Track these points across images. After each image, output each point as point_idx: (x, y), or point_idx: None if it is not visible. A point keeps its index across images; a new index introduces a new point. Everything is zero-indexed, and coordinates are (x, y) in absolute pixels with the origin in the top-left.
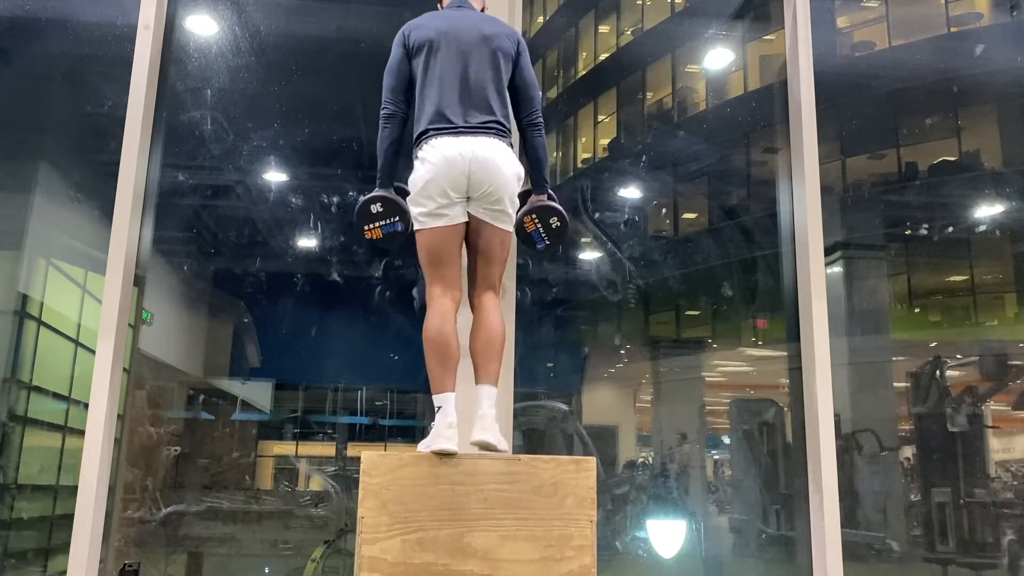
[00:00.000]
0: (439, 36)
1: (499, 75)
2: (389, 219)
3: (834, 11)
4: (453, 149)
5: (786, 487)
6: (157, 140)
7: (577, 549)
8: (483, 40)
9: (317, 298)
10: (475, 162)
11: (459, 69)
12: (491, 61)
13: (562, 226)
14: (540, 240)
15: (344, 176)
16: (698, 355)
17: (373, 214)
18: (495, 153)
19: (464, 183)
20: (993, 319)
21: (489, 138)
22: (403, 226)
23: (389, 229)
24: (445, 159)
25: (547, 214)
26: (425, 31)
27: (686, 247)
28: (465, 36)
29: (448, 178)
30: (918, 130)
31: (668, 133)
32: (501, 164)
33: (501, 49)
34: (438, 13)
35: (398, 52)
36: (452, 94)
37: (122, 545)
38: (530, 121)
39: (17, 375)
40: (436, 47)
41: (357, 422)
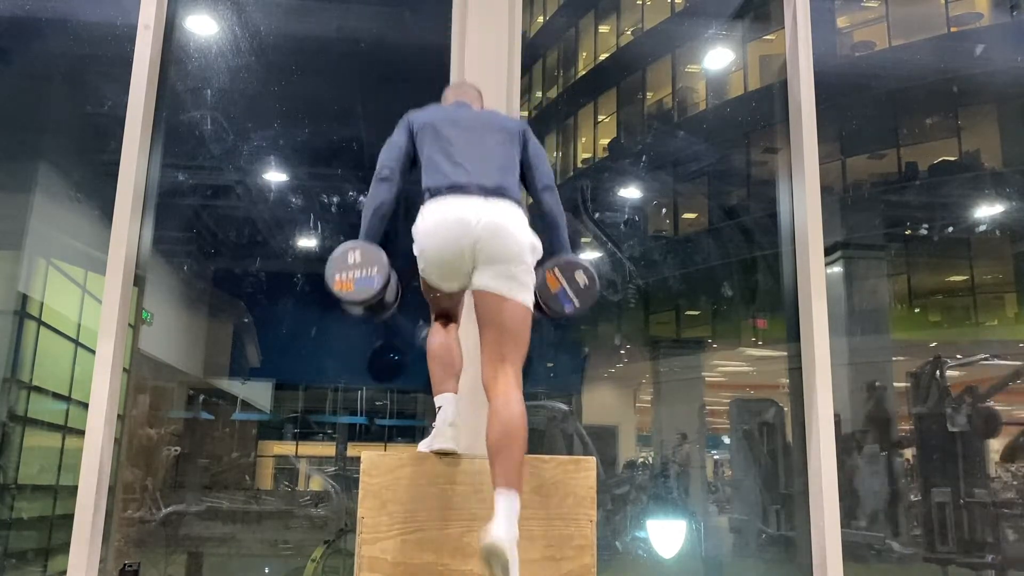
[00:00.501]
0: (444, 119)
1: (508, 151)
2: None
3: (834, 11)
4: (461, 211)
5: (786, 487)
6: (157, 140)
7: (577, 549)
8: (488, 125)
9: (317, 298)
10: (486, 227)
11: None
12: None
13: (591, 284)
14: (567, 301)
15: (344, 176)
16: (698, 355)
17: (348, 263)
18: (508, 217)
19: (469, 254)
20: (993, 319)
21: (502, 201)
22: (380, 281)
23: (364, 284)
24: (450, 221)
25: (572, 268)
26: (429, 115)
27: (686, 247)
28: (471, 122)
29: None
30: (918, 130)
31: (668, 133)
32: (514, 229)
33: (507, 129)
34: (441, 106)
35: (401, 133)
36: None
37: (122, 545)
38: (543, 185)
39: (17, 375)
40: (442, 127)
41: (357, 422)
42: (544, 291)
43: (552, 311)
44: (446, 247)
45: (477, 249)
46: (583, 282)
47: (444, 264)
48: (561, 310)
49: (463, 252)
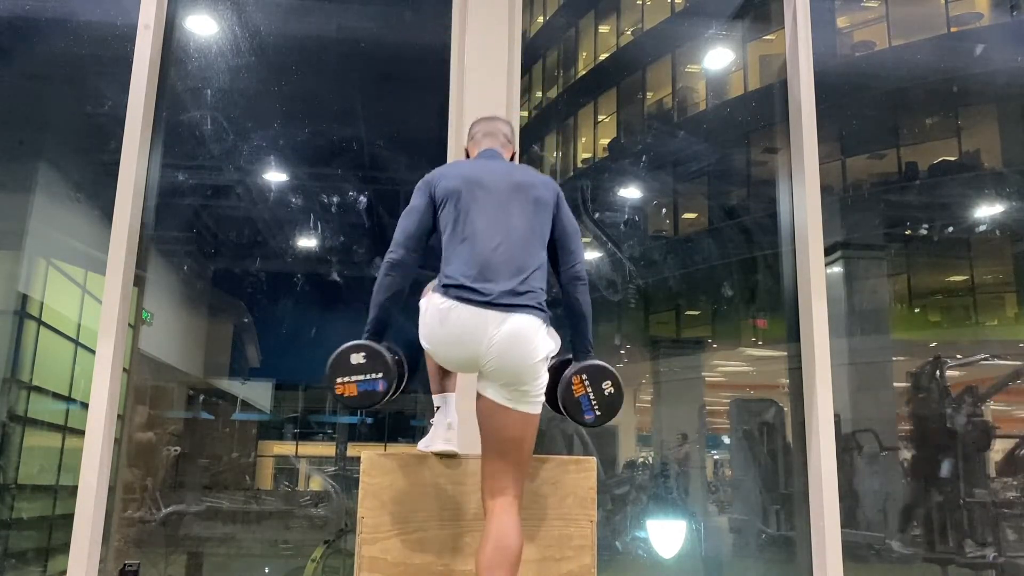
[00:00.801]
0: (470, 185)
1: (539, 228)
2: (370, 375)
3: (834, 11)
4: (472, 323)
5: (786, 487)
6: (157, 140)
7: (577, 549)
8: (518, 188)
9: (317, 298)
10: (500, 345)
11: (495, 221)
12: (529, 212)
13: (616, 394)
14: (589, 410)
15: (344, 176)
16: (698, 355)
17: (352, 366)
18: (526, 336)
19: (474, 366)
20: (993, 319)
21: (521, 315)
22: (385, 386)
23: (367, 387)
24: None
25: (600, 376)
26: (453, 180)
27: (686, 247)
28: (499, 184)
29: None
30: (918, 130)
31: (668, 133)
32: (530, 348)
33: (540, 200)
34: (466, 162)
35: (422, 199)
36: (484, 253)
37: (122, 545)
38: (573, 275)
39: (17, 375)
40: (467, 197)
41: (357, 422)
42: (567, 394)
43: (571, 418)
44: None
45: (487, 364)
46: (608, 391)
47: (450, 364)
48: (581, 419)
49: (473, 361)
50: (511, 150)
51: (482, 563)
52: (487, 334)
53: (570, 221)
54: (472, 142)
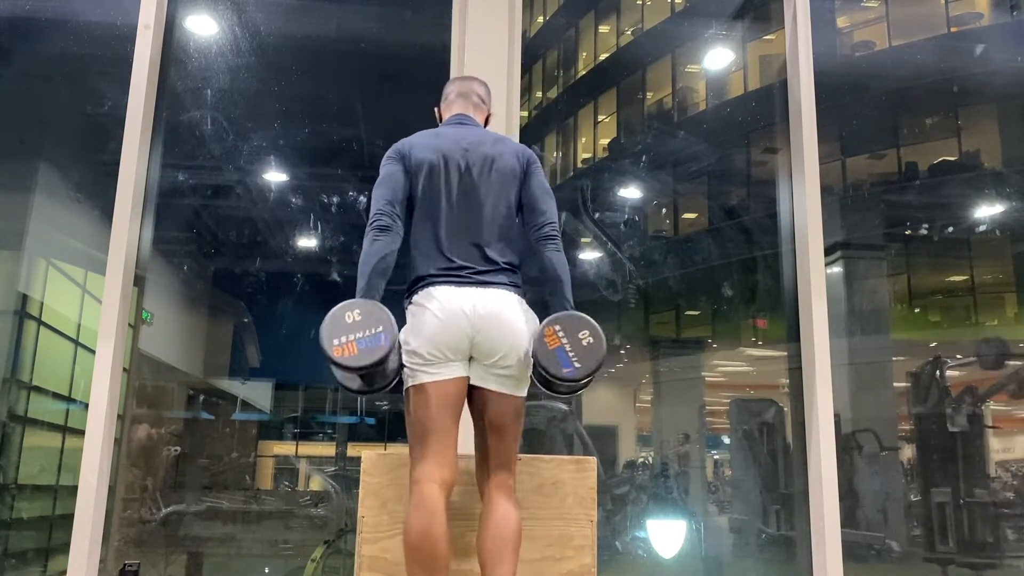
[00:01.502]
0: (440, 158)
1: (509, 203)
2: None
3: (834, 11)
4: (455, 303)
5: (786, 487)
6: (157, 140)
7: (577, 549)
8: (488, 162)
9: (317, 298)
10: (481, 320)
11: (463, 200)
12: (500, 187)
13: (596, 343)
14: (567, 363)
15: (344, 176)
16: (698, 355)
17: (348, 324)
18: (505, 308)
19: (466, 344)
20: (993, 319)
21: (498, 290)
22: (387, 339)
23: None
24: (445, 313)
25: (576, 325)
26: (425, 151)
27: (686, 247)
28: (470, 158)
29: (447, 337)
30: (918, 130)
31: (668, 133)
32: (513, 321)
33: (509, 170)
34: (436, 131)
35: (393, 167)
36: (454, 231)
37: (122, 545)
38: (543, 235)
39: (17, 375)
40: (438, 171)
41: (357, 422)
42: (541, 348)
43: (548, 374)
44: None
45: (475, 342)
46: (587, 341)
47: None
48: (559, 372)
49: (460, 342)
50: (485, 111)
51: (484, 550)
52: (471, 311)
53: (540, 184)
54: (445, 103)
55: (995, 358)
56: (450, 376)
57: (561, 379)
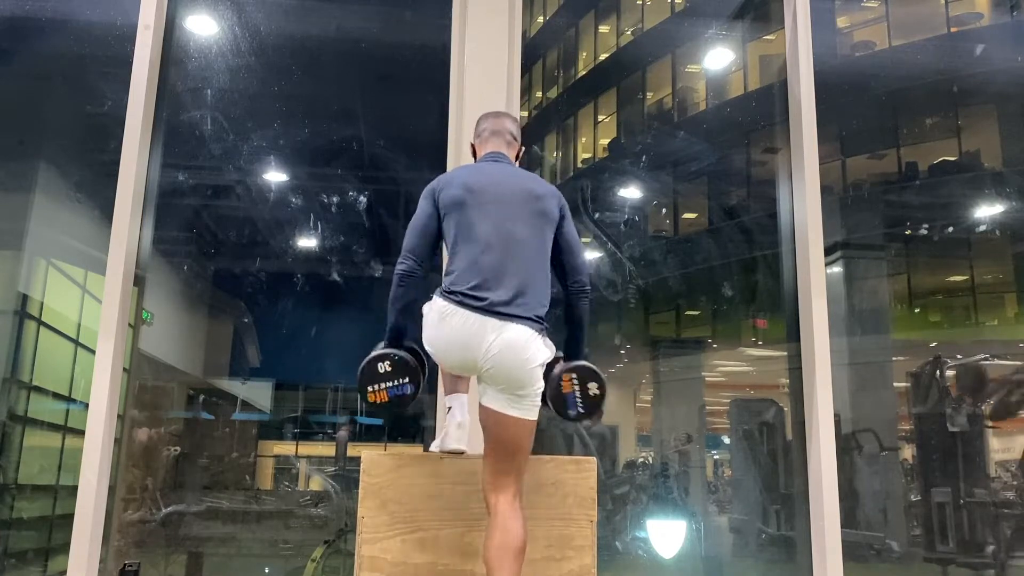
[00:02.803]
0: (475, 194)
1: (542, 240)
2: (397, 380)
3: (834, 11)
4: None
5: (786, 487)
6: (157, 140)
7: (577, 549)
8: (523, 199)
9: (317, 298)
10: (497, 352)
11: (498, 231)
12: (533, 223)
13: (601, 395)
14: (574, 406)
15: (344, 176)
16: (698, 355)
17: (380, 374)
18: (522, 346)
19: (474, 369)
20: (993, 319)
21: (519, 325)
22: (413, 389)
23: (396, 392)
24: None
25: (588, 377)
26: (456, 189)
27: (686, 247)
28: (505, 193)
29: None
30: (918, 130)
31: (668, 133)
32: (527, 357)
33: (544, 212)
34: (473, 167)
35: (427, 207)
36: (487, 263)
37: (122, 545)
38: (579, 288)
39: (17, 375)
40: (470, 206)
41: (357, 422)
42: (556, 390)
43: (555, 409)
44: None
45: (485, 369)
46: (594, 392)
47: (450, 366)
48: (565, 413)
49: (471, 364)
50: (516, 148)
51: (490, 556)
52: (485, 340)
53: (573, 235)
54: (479, 140)
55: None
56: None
57: (565, 418)
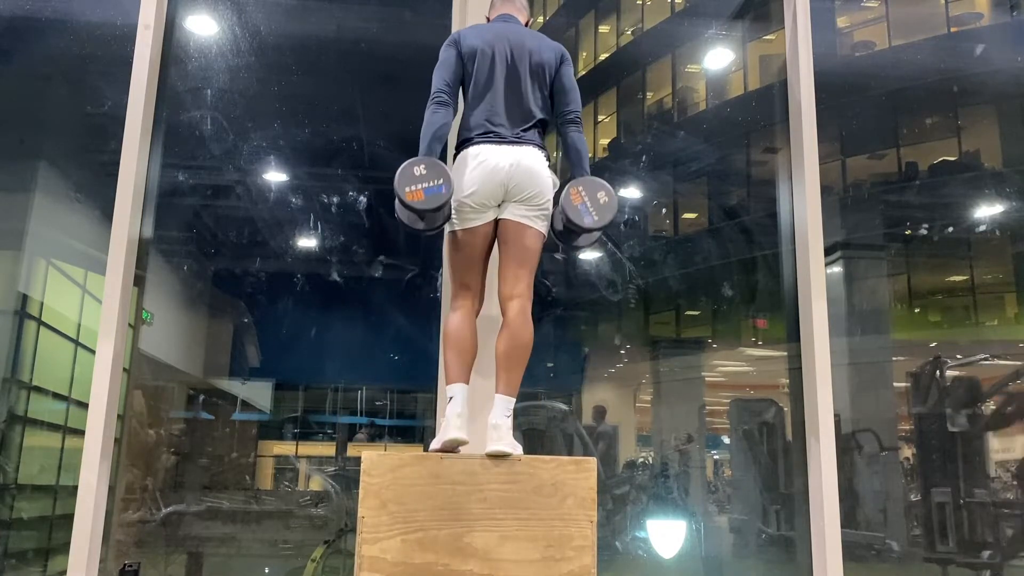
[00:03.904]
0: (489, 47)
1: (542, 89)
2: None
3: (834, 11)
4: (496, 157)
5: (786, 487)
6: (157, 140)
7: (577, 549)
8: (528, 54)
9: (317, 298)
10: (518, 170)
11: (506, 81)
12: (535, 75)
13: (611, 201)
14: (587, 214)
15: (344, 176)
16: (698, 355)
17: (416, 176)
18: (537, 162)
19: (502, 192)
20: (993, 319)
21: (531, 148)
22: (447, 188)
23: (433, 191)
24: (488, 166)
25: (595, 187)
26: (476, 40)
27: (686, 247)
28: (513, 49)
29: (487, 187)
30: (918, 130)
31: (668, 133)
32: (541, 171)
33: (545, 63)
34: (486, 25)
35: (451, 53)
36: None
37: (122, 545)
38: (570, 119)
39: (17, 375)
40: (486, 57)
41: (357, 422)
42: (568, 203)
43: (572, 223)
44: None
45: (509, 188)
46: (603, 200)
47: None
48: (581, 222)
49: (497, 190)
50: (527, 15)
51: (500, 353)
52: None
53: (570, 79)
54: (491, 8)
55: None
56: (484, 221)
57: (583, 228)
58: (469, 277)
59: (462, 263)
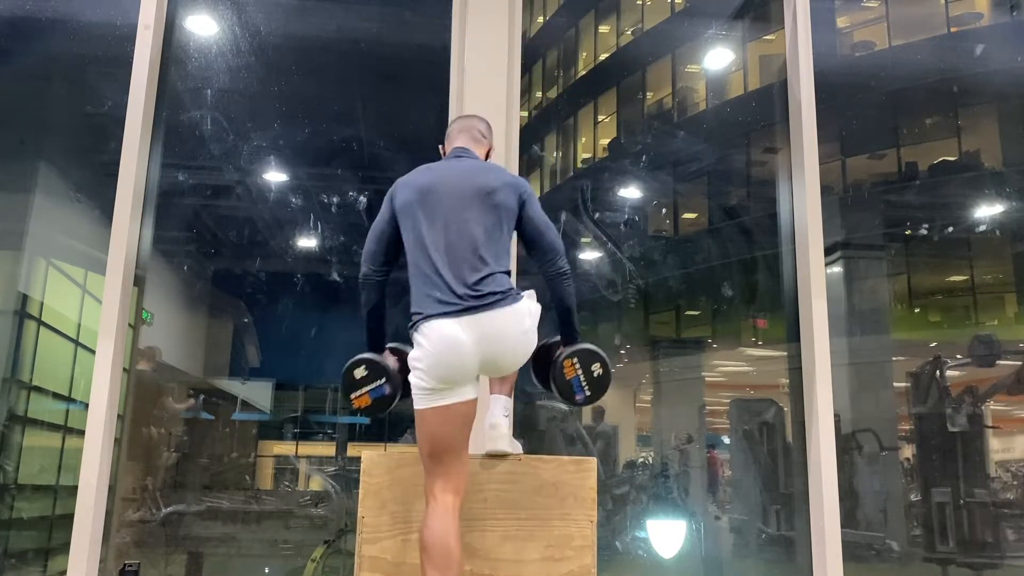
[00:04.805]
0: (423, 196)
1: (498, 229)
2: (375, 382)
3: (834, 11)
4: (457, 334)
5: (786, 487)
6: (157, 140)
7: (577, 549)
8: (477, 193)
9: (317, 298)
10: (488, 345)
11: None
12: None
13: (604, 376)
14: (579, 390)
15: (344, 176)
16: (698, 355)
17: (357, 380)
18: (509, 329)
19: (473, 368)
20: (993, 319)
21: (497, 310)
22: (390, 389)
23: (376, 394)
24: (449, 347)
25: (590, 359)
26: (409, 192)
27: (686, 247)
28: (455, 191)
29: (452, 370)
30: (918, 130)
31: (668, 133)
32: (515, 336)
33: (500, 204)
34: (431, 166)
35: (385, 211)
36: (444, 262)
37: (122, 545)
38: (556, 272)
39: (17, 375)
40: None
41: (357, 422)
42: (560, 377)
43: (562, 396)
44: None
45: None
46: (597, 373)
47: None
48: (572, 399)
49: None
50: (486, 146)
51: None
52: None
53: (539, 218)
54: (447, 139)
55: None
56: (458, 400)
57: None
58: (446, 461)
59: (436, 447)
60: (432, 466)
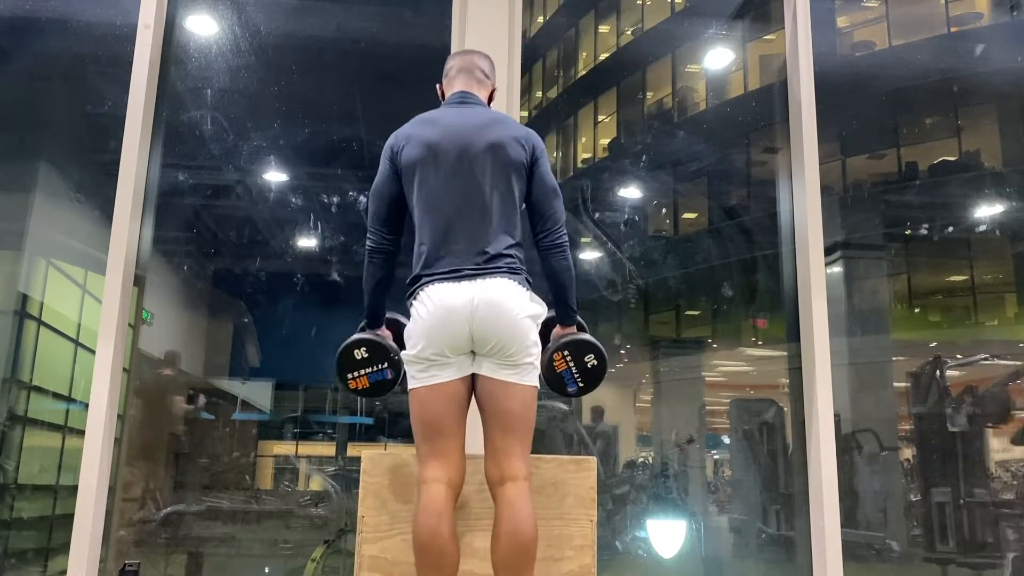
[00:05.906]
0: (432, 151)
1: (510, 192)
2: (376, 366)
3: (834, 11)
4: (452, 297)
5: (786, 487)
6: (157, 140)
7: (577, 549)
8: (488, 150)
9: (317, 298)
10: (480, 310)
11: (459, 191)
12: (499, 175)
13: (600, 365)
14: (572, 383)
15: (344, 176)
16: (698, 355)
17: (357, 361)
18: (504, 297)
19: (466, 338)
20: (993, 319)
21: (497, 279)
22: (393, 374)
23: (377, 378)
24: (443, 309)
25: (581, 350)
26: (415, 147)
27: (686, 247)
28: (466, 146)
29: (446, 334)
30: (918, 130)
31: (668, 133)
32: (512, 309)
33: (512, 161)
34: (432, 117)
35: (385, 168)
36: (451, 225)
37: (122, 545)
38: (551, 242)
39: (17, 375)
40: (429, 165)
41: (357, 422)
42: (549, 370)
43: (554, 390)
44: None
45: (474, 336)
46: (591, 364)
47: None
48: (564, 391)
49: (458, 340)
50: (489, 86)
51: (498, 560)
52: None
53: (547, 181)
54: (446, 79)
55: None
56: (451, 377)
57: (566, 396)
58: (441, 443)
59: (429, 428)
60: (425, 450)
